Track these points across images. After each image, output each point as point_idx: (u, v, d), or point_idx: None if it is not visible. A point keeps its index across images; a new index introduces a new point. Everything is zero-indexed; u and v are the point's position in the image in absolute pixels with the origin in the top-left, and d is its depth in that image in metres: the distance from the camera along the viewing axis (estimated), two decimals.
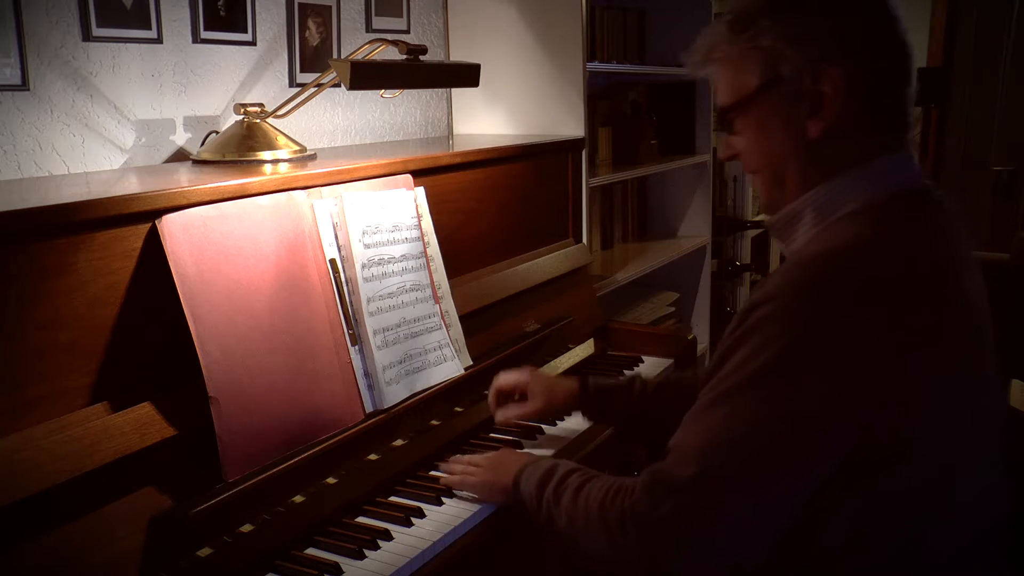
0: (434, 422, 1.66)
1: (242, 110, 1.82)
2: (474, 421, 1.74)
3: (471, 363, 1.77)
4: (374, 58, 1.79)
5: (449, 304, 1.76)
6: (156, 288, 1.28)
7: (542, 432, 1.74)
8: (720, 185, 3.59)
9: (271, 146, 1.78)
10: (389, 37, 1.96)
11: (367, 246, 1.59)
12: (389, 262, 1.63)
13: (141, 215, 1.27)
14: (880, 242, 1.08)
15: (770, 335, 1.04)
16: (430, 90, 2.55)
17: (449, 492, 1.48)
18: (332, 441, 1.43)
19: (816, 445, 1.04)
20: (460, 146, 2.18)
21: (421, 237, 1.71)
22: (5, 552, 1.06)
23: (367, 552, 1.31)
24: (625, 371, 2.10)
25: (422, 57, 1.76)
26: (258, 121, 1.82)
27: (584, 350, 2.17)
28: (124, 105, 1.76)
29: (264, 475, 1.31)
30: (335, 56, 2.20)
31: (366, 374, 1.54)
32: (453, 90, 2.64)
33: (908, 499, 1.07)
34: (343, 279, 1.55)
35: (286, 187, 1.50)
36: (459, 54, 2.58)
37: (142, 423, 1.23)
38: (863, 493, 1.06)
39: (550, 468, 1.32)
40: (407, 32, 2.45)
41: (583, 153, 2.40)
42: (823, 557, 1.09)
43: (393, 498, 1.49)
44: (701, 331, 3.40)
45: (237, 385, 1.32)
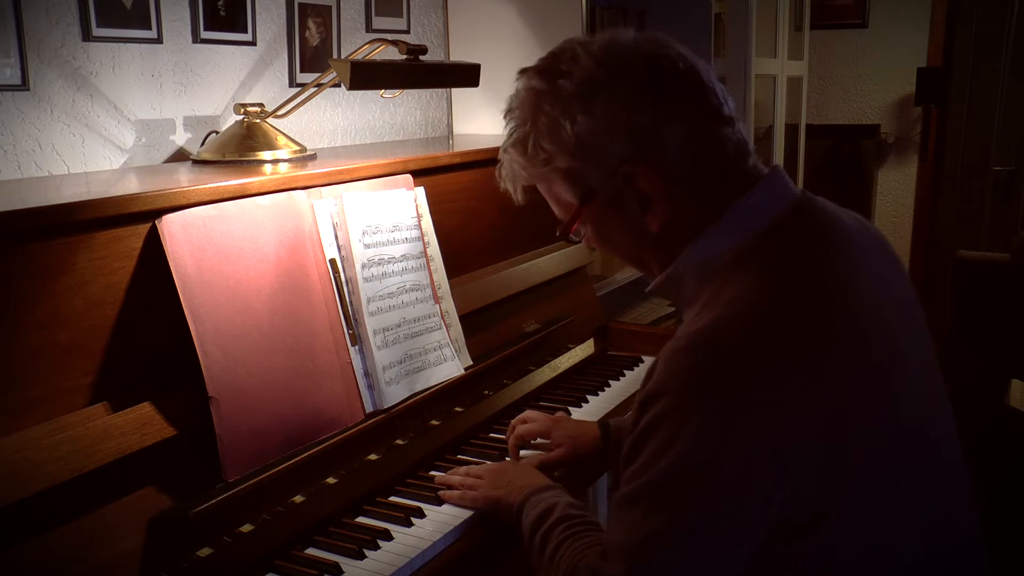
0: (434, 422, 1.66)
1: (242, 110, 1.82)
2: (474, 421, 1.74)
3: (471, 363, 1.77)
4: (374, 58, 1.79)
5: (449, 304, 1.76)
6: (156, 288, 1.28)
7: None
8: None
9: (271, 146, 1.78)
10: (389, 37, 1.96)
11: (367, 246, 1.59)
12: (389, 262, 1.63)
13: (141, 215, 1.27)
14: (754, 305, 1.01)
15: (667, 436, 0.99)
16: (430, 90, 2.55)
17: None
18: (332, 441, 1.43)
19: (734, 535, 0.99)
20: (460, 146, 2.18)
21: (421, 237, 1.71)
22: (5, 552, 1.06)
23: (367, 552, 1.31)
24: (625, 371, 2.10)
25: (422, 57, 1.76)
26: (258, 121, 1.82)
27: (584, 350, 2.17)
28: (124, 105, 1.76)
29: (264, 475, 1.31)
30: (335, 56, 2.20)
31: (366, 374, 1.54)
32: (453, 90, 2.64)
33: (836, 559, 1.01)
34: (343, 279, 1.55)
35: (286, 187, 1.50)
36: (459, 54, 2.58)
37: (142, 423, 1.23)
38: (792, 558, 1.01)
39: (548, 508, 1.29)
40: (407, 32, 2.45)
41: None
42: None
43: (393, 498, 1.49)
44: None
45: (237, 385, 1.32)
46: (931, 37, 4.51)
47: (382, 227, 1.63)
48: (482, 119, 2.61)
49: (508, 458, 1.62)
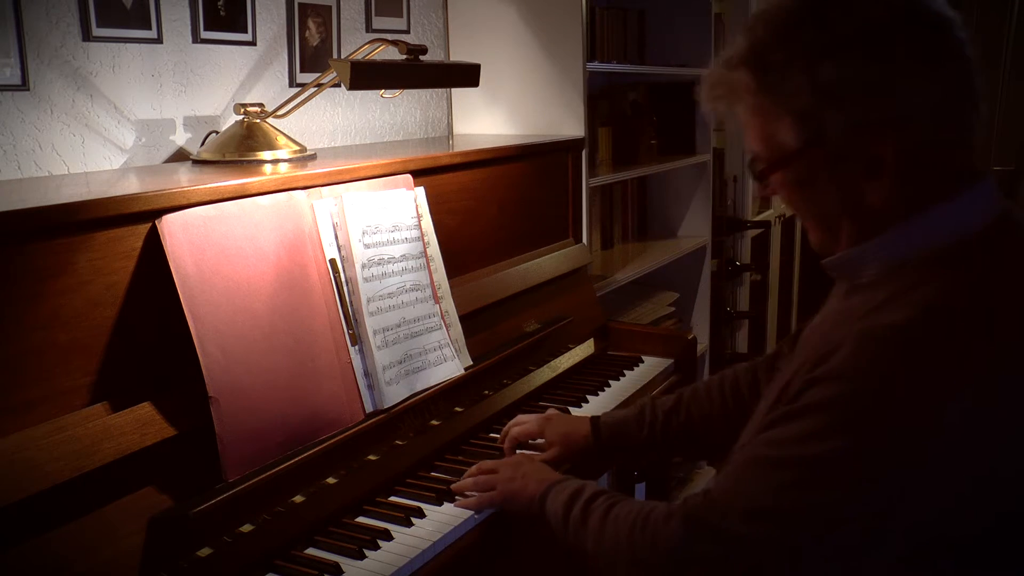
0: (434, 422, 1.66)
1: (242, 110, 1.82)
2: (474, 421, 1.74)
3: (471, 363, 1.77)
4: (374, 58, 1.79)
5: (449, 304, 1.76)
6: (156, 288, 1.28)
7: None
8: (720, 185, 3.58)
9: (271, 146, 1.78)
10: (389, 37, 1.96)
11: (367, 246, 1.59)
12: (389, 262, 1.63)
13: (141, 215, 1.27)
14: (954, 303, 0.97)
15: (838, 420, 0.96)
16: (430, 90, 2.55)
17: (449, 493, 1.48)
18: (332, 441, 1.43)
19: (865, 541, 0.98)
20: (460, 146, 2.18)
21: (421, 237, 1.71)
22: (5, 552, 1.06)
23: (367, 552, 1.31)
24: (625, 371, 2.10)
25: (422, 57, 1.76)
26: (258, 121, 1.82)
27: (584, 350, 2.17)
28: (124, 105, 1.76)
29: (264, 475, 1.31)
30: (335, 56, 2.20)
31: (366, 374, 1.54)
32: (453, 90, 2.64)
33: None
34: (343, 279, 1.55)
35: (286, 187, 1.50)
36: (459, 54, 2.58)
37: (142, 423, 1.23)
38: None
39: (578, 488, 1.29)
40: (407, 32, 2.45)
41: (583, 153, 2.40)
42: None
43: (393, 498, 1.49)
44: (701, 331, 3.40)
45: (237, 385, 1.32)
46: None
47: (382, 227, 1.63)
48: (482, 119, 2.61)
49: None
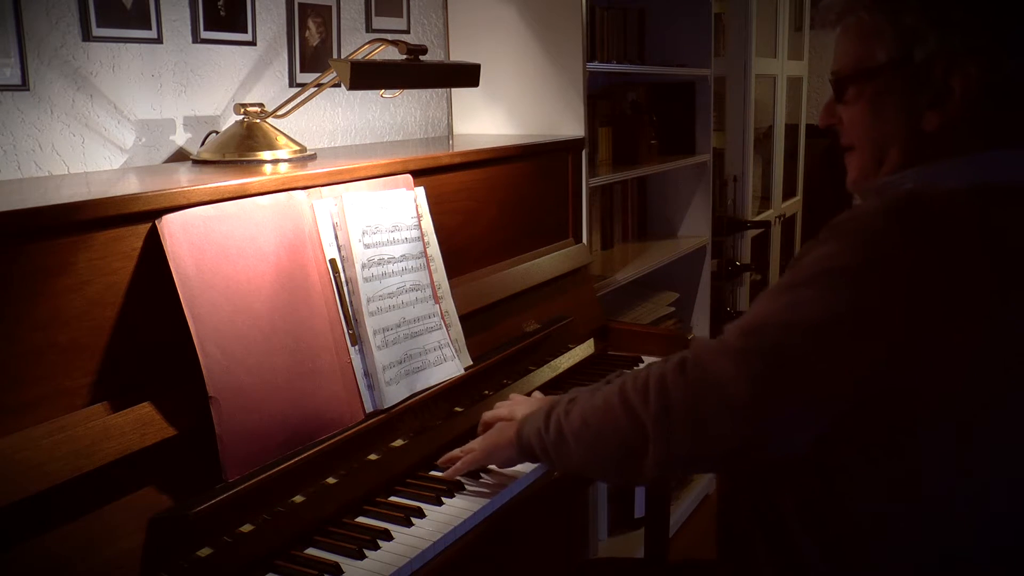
0: (434, 422, 1.66)
1: (242, 110, 1.82)
2: (474, 421, 1.74)
3: (471, 363, 1.77)
4: (374, 58, 1.79)
5: (449, 304, 1.76)
6: (156, 288, 1.28)
7: None
8: (720, 185, 3.59)
9: (271, 146, 1.78)
10: (389, 37, 1.96)
11: (367, 246, 1.59)
12: (389, 262, 1.63)
13: (141, 215, 1.27)
14: (985, 203, 1.04)
15: (858, 243, 1.03)
16: (430, 90, 2.55)
17: (449, 492, 1.48)
18: (332, 441, 1.43)
19: (860, 353, 1.02)
20: (460, 146, 2.18)
21: (421, 237, 1.71)
22: (5, 552, 1.06)
23: (367, 552, 1.31)
24: (625, 371, 2.10)
25: (422, 57, 1.76)
26: (258, 121, 1.82)
27: (584, 350, 2.17)
28: (124, 105, 1.76)
29: (264, 475, 1.31)
30: (335, 56, 2.20)
31: (366, 374, 1.54)
32: (453, 90, 2.64)
33: (928, 482, 1.04)
34: (343, 279, 1.55)
35: (286, 187, 1.50)
36: (459, 54, 2.58)
37: (142, 423, 1.23)
38: (883, 461, 1.04)
39: (547, 410, 1.31)
40: (407, 32, 2.45)
41: (583, 153, 2.40)
42: (849, 536, 1.08)
43: (393, 498, 1.49)
44: (701, 331, 3.40)
45: (237, 385, 1.32)
46: None
47: (382, 227, 1.63)
48: (482, 119, 2.61)
49: None
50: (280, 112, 1.86)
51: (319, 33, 2.16)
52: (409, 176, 1.73)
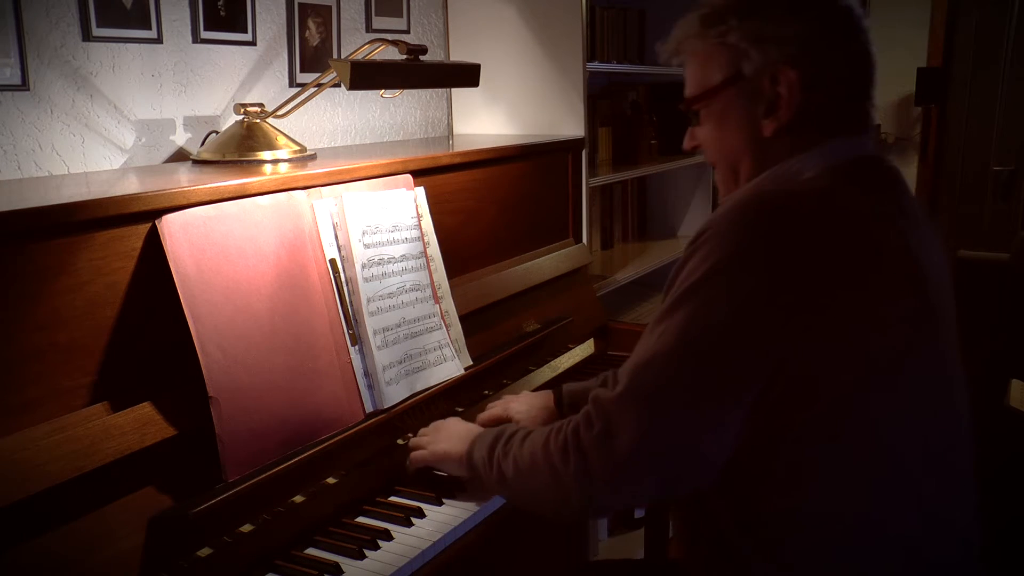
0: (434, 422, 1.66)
1: (242, 110, 1.82)
2: (474, 420, 1.74)
3: (471, 363, 1.77)
4: (374, 58, 1.79)
5: (449, 304, 1.76)
6: (156, 288, 1.28)
7: None
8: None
9: (271, 146, 1.78)
10: (389, 37, 1.96)
11: (367, 246, 1.59)
12: (389, 262, 1.63)
13: (141, 215, 1.27)
14: (824, 187, 1.12)
15: (707, 252, 1.08)
16: (430, 90, 2.55)
17: (450, 492, 1.48)
18: (332, 441, 1.43)
19: (736, 363, 1.05)
20: (460, 146, 2.18)
21: (421, 237, 1.71)
22: (5, 552, 1.06)
23: (367, 552, 1.31)
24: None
25: (422, 57, 1.76)
26: (258, 121, 1.82)
27: (584, 350, 2.17)
28: (124, 105, 1.76)
29: (264, 475, 1.31)
30: (335, 56, 2.20)
31: (366, 374, 1.54)
32: (453, 90, 2.64)
33: (834, 459, 1.07)
34: (343, 279, 1.55)
35: (286, 187, 1.50)
36: (459, 54, 2.58)
37: (142, 423, 1.23)
38: (787, 439, 1.07)
39: (501, 430, 1.34)
40: (407, 32, 2.45)
41: (583, 153, 2.40)
42: (767, 518, 1.11)
43: (393, 498, 1.49)
44: None
45: (237, 385, 1.32)
46: (931, 37, 4.51)
47: (382, 227, 1.63)
48: (482, 119, 2.61)
49: None
50: (280, 112, 1.85)
51: (319, 33, 2.16)
52: (409, 176, 1.73)
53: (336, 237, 1.55)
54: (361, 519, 1.42)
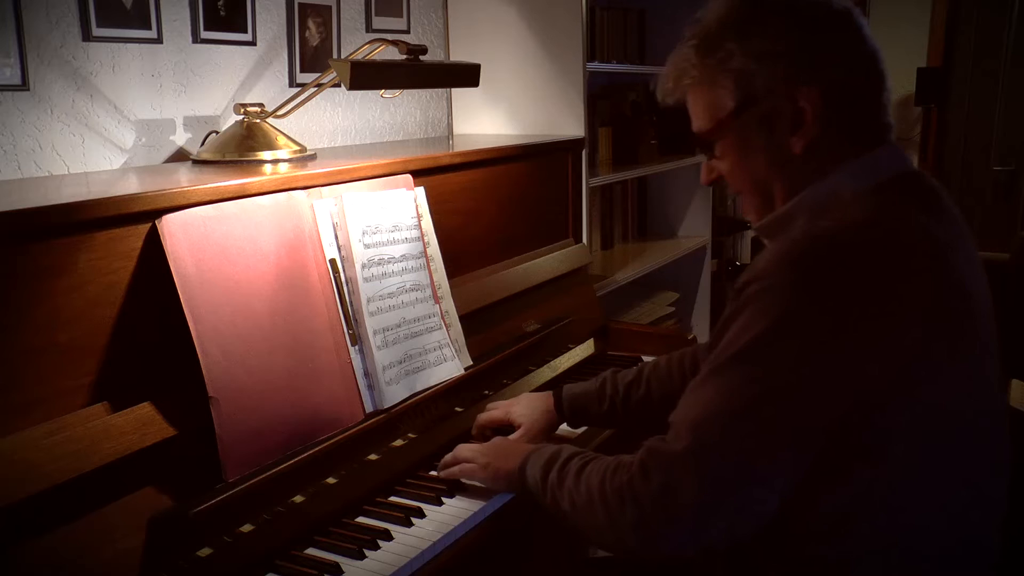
0: (434, 422, 1.66)
1: (242, 110, 1.82)
2: (474, 421, 1.74)
3: (471, 363, 1.77)
4: (374, 58, 1.79)
5: (449, 304, 1.76)
6: (156, 288, 1.28)
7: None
8: (720, 185, 3.59)
9: (271, 146, 1.78)
10: (389, 37, 1.96)
11: (367, 246, 1.59)
12: (389, 262, 1.63)
13: (141, 215, 1.27)
14: (873, 221, 1.08)
15: (762, 308, 1.04)
16: (430, 90, 2.55)
17: (449, 492, 1.48)
18: (332, 441, 1.43)
19: (804, 421, 1.04)
20: (460, 146, 2.18)
21: (421, 237, 1.71)
22: (5, 552, 1.06)
23: (367, 552, 1.31)
24: (620, 370, 2.10)
25: (422, 57, 1.76)
26: (258, 121, 1.82)
27: (584, 350, 2.17)
28: (124, 105, 1.76)
29: (264, 475, 1.31)
30: (335, 56, 2.20)
31: (366, 374, 1.54)
32: (453, 90, 2.64)
33: (890, 492, 1.06)
34: (343, 279, 1.55)
35: (286, 187, 1.50)
36: (459, 54, 2.58)
37: (142, 423, 1.23)
38: (848, 480, 1.06)
39: (555, 452, 1.32)
40: (407, 32, 2.45)
41: (583, 153, 2.40)
42: (807, 541, 1.10)
43: (393, 498, 1.49)
44: (701, 331, 3.40)
45: (237, 385, 1.32)
46: (931, 37, 4.51)
47: (382, 227, 1.63)
48: (482, 119, 2.62)
49: None
50: (280, 112, 1.85)
51: (319, 33, 2.16)
52: (409, 176, 1.73)
53: (336, 237, 1.55)
54: (361, 519, 1.42)
